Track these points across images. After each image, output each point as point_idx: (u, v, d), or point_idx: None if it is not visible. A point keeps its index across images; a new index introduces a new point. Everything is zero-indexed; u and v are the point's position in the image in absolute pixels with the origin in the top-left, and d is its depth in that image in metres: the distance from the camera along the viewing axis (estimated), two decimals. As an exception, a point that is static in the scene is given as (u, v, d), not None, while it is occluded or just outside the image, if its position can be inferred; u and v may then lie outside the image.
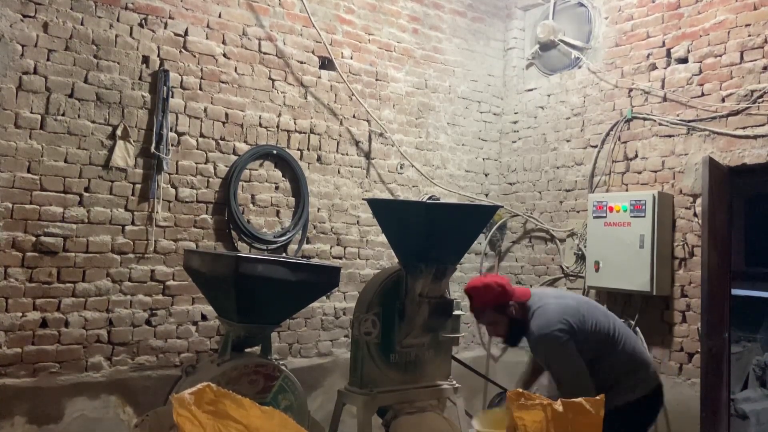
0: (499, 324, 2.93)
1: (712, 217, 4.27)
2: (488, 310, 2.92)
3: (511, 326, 2.95)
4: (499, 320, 2.92)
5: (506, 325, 2.93)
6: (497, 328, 2.95)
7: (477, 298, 2.95)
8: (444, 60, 5.77)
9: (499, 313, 2.91)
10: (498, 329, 2.96)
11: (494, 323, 2.94)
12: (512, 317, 2.92)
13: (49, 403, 3.81)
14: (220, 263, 3.52)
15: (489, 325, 2.99)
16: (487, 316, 2.94)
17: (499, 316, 2.91)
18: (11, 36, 3.78)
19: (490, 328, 3.01)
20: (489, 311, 2.92)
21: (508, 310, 2.91)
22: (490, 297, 2.92)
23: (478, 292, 2.95)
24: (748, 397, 5.61)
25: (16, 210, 3.78)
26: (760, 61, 4.37)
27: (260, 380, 3.39)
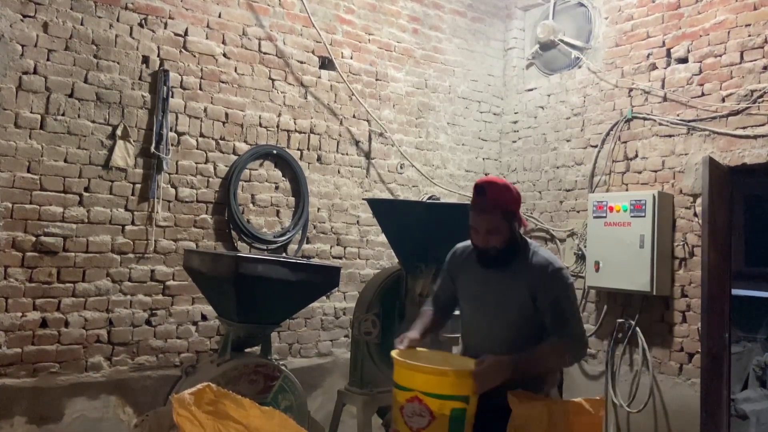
0: (501, 233, 2.51)
1: (712, 217, 4.27)
2: (498, 211, 2.50)
3: (509, 242, 2.53)
4: (503, 229, 2.51)
5: (506, 237, 2.52)
6: (496, 236, 2.51)
7: (493, 192, 2.52)
8: (444, 60, 5.77)
9: (506, 220, 2.51)
10: (496, 238, 2.51)
11: (496, 230, 2.50)
12: (514, 233, 2.54)
13: (49, 403, 3.81)
14: (220, 263, 3.52)
15: (489, 231, 2.51)
16: (493, 219, 2.49)
17: (504, 223, 2.51)
18: (11, 36, 3.78)
19: (488, 234, 2.51)
20: (498, 213, 2.50)
21: (514, 222, 2.55)
22: (508, 197, 2.54)
23: (497, 188, 2.54)
24: (748, 397, 5.61)
25: (16, 210, 3.78)
26: (760, 61, 4.37)
27: (260, 380, 3.39)
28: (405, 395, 2.26)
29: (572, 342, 2.46)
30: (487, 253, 2.55)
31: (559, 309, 2.47)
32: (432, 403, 2.21)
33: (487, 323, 2.59)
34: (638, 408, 4.77)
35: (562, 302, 2.48)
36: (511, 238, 2.53)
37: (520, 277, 2.53)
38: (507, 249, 2.53)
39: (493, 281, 2.58)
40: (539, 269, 2.51)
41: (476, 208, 2.54)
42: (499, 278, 2.57)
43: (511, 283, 2.54)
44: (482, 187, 2.54)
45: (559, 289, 2.48)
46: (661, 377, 4.71)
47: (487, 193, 2.51)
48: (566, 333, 2.45)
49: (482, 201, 2.52)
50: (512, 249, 2.55)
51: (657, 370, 4.72)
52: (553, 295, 2.47)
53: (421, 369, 2.28)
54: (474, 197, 2.56)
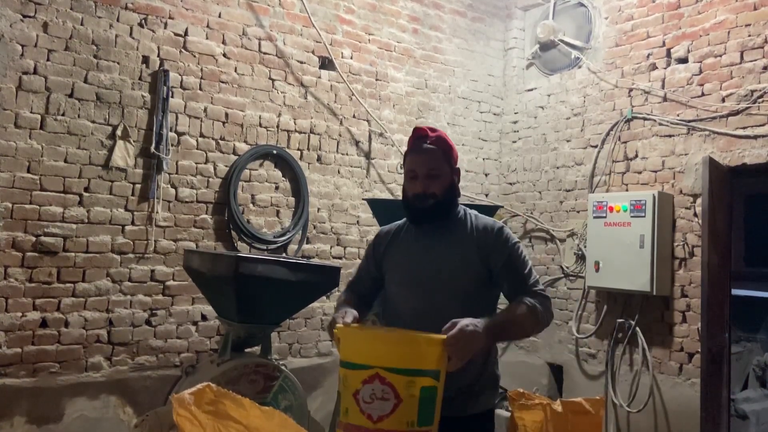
0: (441, 180, 2.25)
1: (712, 217, 4.27)
2: (440, 152, 2.28)
3: (447, 193, 2.28)
4: (444, 173, 2.27)
5: (446, 185, 2.27)
6: (437, 183, 2.24)
7: (435, 133, 2.33)
8: (444, 60, 5.77)
9: (448, 164, 2.30)
10: (437, 184, 2.24)
11: (437, 176, 2.24)
12: (452, 184, 2.31)
13: (49, 403, 3.81)
14: (220, 263, 3.52)
15: (430, 174, 2.24)
16: (435, 159, 2.26)
17: (446, 167, 2.28)
18: (11, 36, 3.78)
19: (428, 179, 2.25)
20: (440, 154, 2.28)
21: (455, 171, 2.33)
22: (449, 143, 2.35)
23: (438, 131, 2.36)
24: (748, 397, 5.61)
25: (16, 210, 3.78)
26: (760, 61, 4.37)
27: (260, 380, 3.39)
28: (361, 375, 1.81)
29: (539, 298, 2.18)
30: (425, 204, 2.24)
31: (514, 267, 2.23)
32: (398, 382, 1.78)
33: (428, 298, 2.21)
34: (638, 408, 4.77)
35: (515, 260, 2.24)
36: (450, 188, 2.29)
37: (465, 238, 2.27)
38: (447, 202, 2.28)
39: (434, 245, 2.28)
40: (485, 230, 2.27)
41: (416, 149, 2.31)
42: (440, 241, 2.28)
43: (457, 242, 2.26)
44: (422, 129, 2.35)
45: (509, 247, 2.24)
46: (661, 377, 4.71)
47: (429, 133, 2.32)
48: (529, 290, 2.20)
49: (423, 140, 2.31)
50: (451, 204, 2.31)
51: (657, 370, 4.73)
52: (504, 254, 2.22)
53: (383, 337, 1.92)
54: (412, 140, 2.35)
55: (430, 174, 2.24)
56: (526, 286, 2.21)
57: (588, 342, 5.20)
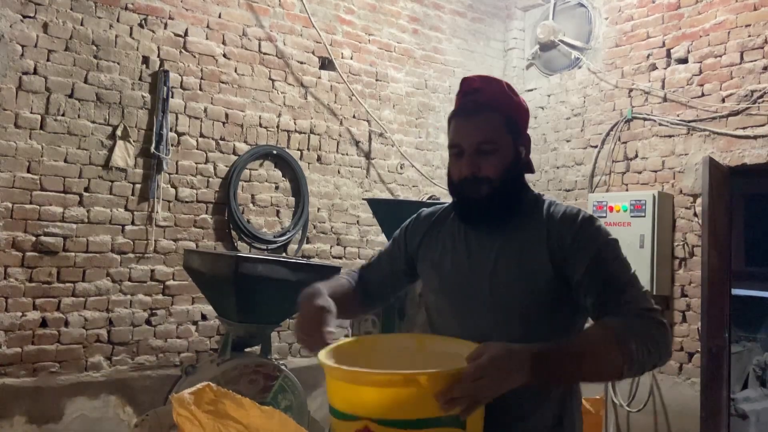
0: (499, 157, 1.54)
1: (712, 217, 4.27)
2: (497, 115, 1.56)
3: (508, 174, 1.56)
4: (503, 146, 1.55)
5: (506, 164, 1.55)
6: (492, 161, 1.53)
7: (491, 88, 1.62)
8: (444, 60, 5.77)
9: (510, 133, 1.58)
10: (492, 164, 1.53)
11: (493, 151, 1.54)
12: (516, 162, 1.60)
13: (49, 402, 3.81)
14: (220, 263, 3.52)
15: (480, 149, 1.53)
16: (489, 126, 1.55)
17: (506, 138, 1.56)
18: (11, 36, 3.78)
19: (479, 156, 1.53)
20: (497, 118, 1.56)
21: (521, 140, 1.62)
22: (512, 100, 1.64)
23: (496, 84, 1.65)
24: (748, 397, 5.61)
25: (16, 210, 3.79)
26: (760, 61, 4.37)
27: (260, 380, 3.39)
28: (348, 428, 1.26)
29: (641, 321, 1.38)
30: (476, 192, 1.54)
31: (605, 274, 1.45)
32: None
33: (471, 321, 1.54)
34: (638, 407, 4.77)
35: (607, 263, 1.47)
36: (513, 167, 1.58)
37: (533, 237, 1.53)
38: (507, 188, 1.56)
39: (486, 246, 1.57)
40: (563, 222, 1.53)
41: (461, 111, 1.59)
42: (495, 240, 1.56)
43: (520, 244, 1.54)
44: (473, 80, 1.65)
45: (599, 245, 1.49)
46: (661, 377, 4.71)
47: (482, 87, 1.61)
48: (626, 308, 1.40)
49: (473, 98, 1.59)
50: (514, 191, 1.60)
51: (657, 369, 4.73)
52: (589, 254, 1.47)
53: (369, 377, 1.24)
54: (459, 97, 1.64)
55: (481, 149, 1.53)
56: (622, 301, 1.42)
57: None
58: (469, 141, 1.54)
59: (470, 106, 1.58)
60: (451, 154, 1.59)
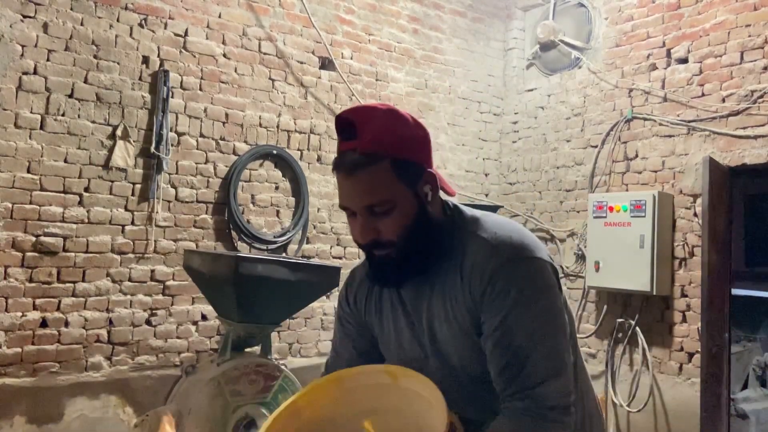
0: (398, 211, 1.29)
1: (712, 217, 4.27)
2: (383, 162, 1.27)
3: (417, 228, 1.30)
4: (400, 201, 1.29)
5: (407, 221, 1.29)
6: (390, 221, 1.29)
7: (370, 126, 1.28)
8: (444, 60, 5.77)
9: (404, 183, 1.29)
10: (390, 225, 1.29)
11: (389, 209, 1.28)
12: (424, 205, 1.32)
13: (49, 403, 3.81)
14: (220, 263, 3.52)
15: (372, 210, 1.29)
16: (376, 187, 1.27)
17: (401, 190, 1.29)
18: (11, 36, 3.78)
19: (371, 218, 1.29)
20: (386, 171, 1.27)
21: (421, 185, 1.31)
22: (400, 132, 1.30)
23: (377, 116, 1.30)
24: (748, 397, 5.61)
25: (16, 210, 3.78)
26: (760, 61, 4.37)
27: (260, 380, 3.39)
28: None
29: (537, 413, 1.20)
30: (384, 258, 1.33)
31: (511, 345, 1.24)
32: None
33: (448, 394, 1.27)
34: (638, 408, 4.77)
35: (515, 332, 1.24)
36: (420, 219, 1.30)
37: (454, 285, 1.32)
38: (417, 243, 1.31)
39: (419, 309, 1.39)
40: (474, 269, 1.29)
41: (341, 164, 1.30)
42: (425, 299, 1.38)
43: (443, 302, 1.34)
44: (347, 116, 1.30)
45: (508, 303, 1.25)
46: (661, 377, 4.71)
47: (359, 128, 1.28)
48: (524, 392, 1.21)
49: (351, 144, 1.29)
50: (428, 241, 1.32)
51: (657, 369, 4.73)
52: (498, 317, 1.25)
53: None
54: (338, 144, 1.34)
55: (373, 210, 1.29)
56: (521, 386, 1.22)
57: (588, 342, 5.20)
58: (357, 204, 1.29)
59: (350, 158, 1.28)
60: (347, 214, 1.34)
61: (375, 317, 1.48)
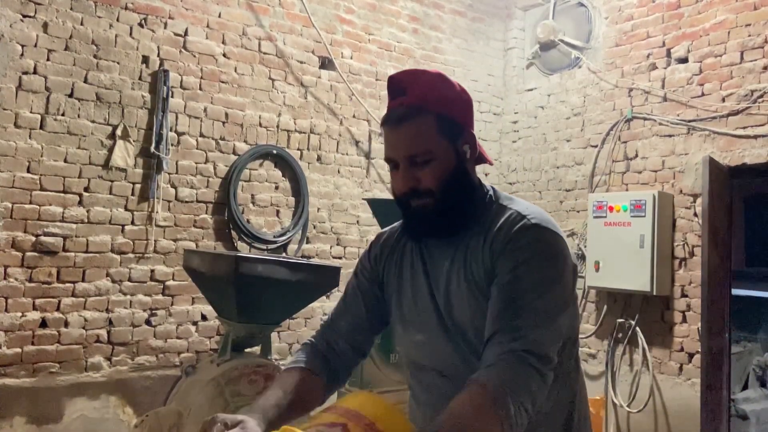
0: (437, 166, 1.35)
1: (712, 217, 4.27)
2: (429, 117, 1.34)
3: (450, 184, 1.35)
4: (440, 156, 1.35)
5: (447, 171, 1.35)
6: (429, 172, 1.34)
7: (419, 86, 1.37)
8: (444, 60, 5.76)
9: (446, 137, 1.35)
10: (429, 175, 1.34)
11: (428, 156, 1.34)
12: (462, 165, 1.38)
13: (49, 403, 3.81)
14: (220, 263, 3.52)
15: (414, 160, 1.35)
16: (420, 133, 1.34)
17: (443, 142, 1.35)
18: (11, 36, 3.78)
19: (414, 168, 1.35)
20: (429, 121, 1.34)
21: (461, 142, 1.37)
22: (446, 93, 1.38)
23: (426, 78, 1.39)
24: (748, 397, 5.61)
25: (16, 210, 3.78)
26: (760, 61, 4.37)
27: (260, 380, 3.39)
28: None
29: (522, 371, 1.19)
30: (420, 208, 1.36)
31: (513, 290, 1.27)
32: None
33: (440, 356, 1.40)
34: (638, 408, 4.77)
35: (523, 279, 1.27)
36: (456, 172, 1.36)
37: (477, 246, 1.36)
38: (452, 196, 1.36)
39: (439, 266, 1.42)
40: (502, 227, 1.34)
41: (390, 117, 1.38)
42: (448, 257, 1.40)
43: (464, 261, 1.37)
44: (399, 78, 1.41)
45: (524, 254, 1.28)
46: (661, 377, 4.71)
47: (409, 84, 1.37)
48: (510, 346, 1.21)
49: (400, 100, 1.37)
50: (462, 195, 1.38)
51: (657, 370, 4.72)
52: (510, 264, 1.29)
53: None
54: (388, 98, 1.42)
55: (415, 161, 1.35)
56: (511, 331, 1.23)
57: (588, 342, 5.20)
58: (400, 154, 1.37)
59: (397, 112, 1.36)
60: (389, 167, 1.42)
61: (393, 275, 1.52)
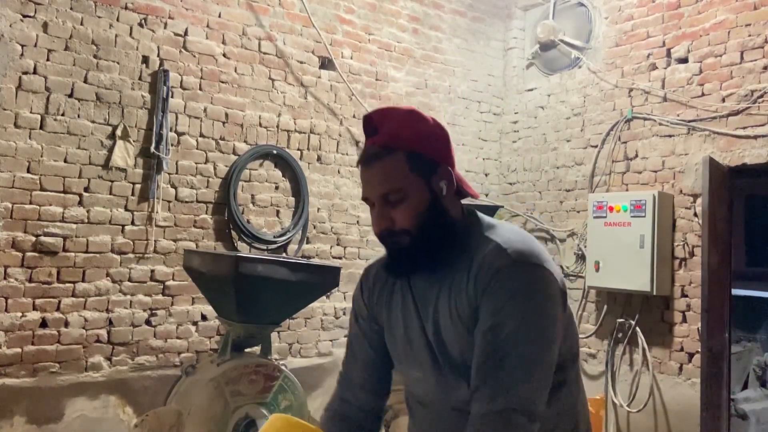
0: (410, 204, 1.35)
1: (712, 217, 4.27)
2: (400, 155, 1.34)
3: (427, 221, 1.36)
4: (413, 191, 1.35)
5: (420, 209, 1.36)
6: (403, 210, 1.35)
7: (390, 123, 1.38)
8: (444, 60, 5.77)
9: (418, 174, 1.35)
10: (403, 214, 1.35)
11: (402, 197, 1.35)
12: (437, 202, 1.37)
13: (49, 403, 3.81)
14: (220, 263, 3.52)
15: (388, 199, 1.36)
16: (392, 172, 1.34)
17: (415, 180, 1.35)
18: (11, 36, 3.78)
19: (387, 206, 1.36)
20: (400, 159, 1.34)
21: (435, 179, 1.37)
22: (418, 130, 1.38)
23: (397, 116, 1.40)
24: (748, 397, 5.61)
25: (16, 210, 3.78)
26: (760, 61, 4.37)
27: (260, 380, 3.39)
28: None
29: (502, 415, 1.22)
30: (397, 246, 1.39)
31: (496, 339, 1.26)
32: None
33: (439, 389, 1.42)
34: (638, 408, 4.77)
35: (504, 327, 1.26)
36: (433, 210, 1.36)
37: (461, 283, 1.36)
38: (429, 234, 1.36)
39: (427, 300, 1.43)
40: (483, 264, 1.32)
41: (363, 157, 1.40)
42: (434, 292, 1.41)
43: (449, 297, 1.38)
44: (371, 117, 1.42)
45: (505, 297, 1.28)
46: (661, 377, 4.71)
47: (379, 124, 1.38)
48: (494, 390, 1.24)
49: (372, 139, 1.39)
50: (441, 232, 1.38)
51: (657, 369, 4.73)
52: (492, 309, 1.29)
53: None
54: (365, 142, 1.43)
55: (387, 199, 1.36)
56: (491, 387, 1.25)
57: (588, 342, 5.20)
58: (373, 193, 1.37)
59: (369, 151, 1.38)
60: (369, 206, 1.42)
61: (385, 311, 1.52)
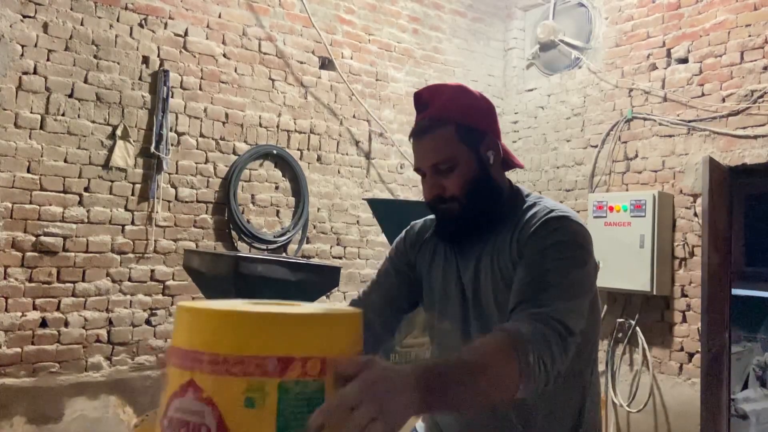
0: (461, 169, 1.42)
1: (712, 217, 4.27)
2: (450, 128, 1.41)
3: (480, 186, 1.43)
4: (463, 160, 1.42)
5: (471, 177, 1.42)
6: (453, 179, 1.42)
7: (440, 99, 1.46)
8: (444, 60, 5.77)
9: (467, 145, 1.42)
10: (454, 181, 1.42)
11: (451, 163, 1.41)
12: (486, 169, 1.45)
13: (48, 403, 3.81)
14: (220, 263, 3.52)
15: (438, 168, 1.42)
16: (442, 143, 1.41)
17: (464, 150, 1.42)
18: (11, 36, 3.78)
19: (438, 175, 1.43)
20: (450, 131, 1.41)
21: (483, 149, 1.44)
22: (467, 104, 1.47)
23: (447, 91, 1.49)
24: (748, 397, 5.61)
25: (15, 210, 3.78)
26: (760, 61, 4.37)
27: (260, 380, 3.38)
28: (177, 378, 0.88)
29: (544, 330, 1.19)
30: (447, 213, 1.46)
31: (540, 268, 1.31)
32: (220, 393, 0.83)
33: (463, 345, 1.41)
34: (638, 408, 4.77)
35: (549, 259, 1.32)
36: (481, 178, 1.43)
37: (505, 239, 1.43)
38: (478, 201, 1.43)
39: (468, 259, 1.49)
40: (531, 219, 1.41)
41: (415, 130, 1.46)
42: (476, 252, 1.48)
43: (492, 254, 1.45)
44: (421, 94, 1.51)
45: (552, 239, 1.34)
46: (661, 377, 4.71)
47: (429, 99, 1.47)
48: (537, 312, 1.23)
49: (424, 113, 1.47)
50: (489, 199, 1.45)
51: (657, 369, 4.73)
52: (538, 247, 1.35)
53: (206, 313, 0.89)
54: (415, 116, 1.52)
55: (439, 169, 1.42)
56: (538, 301, 1.26)
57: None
58: (425, 163, 1.45)
59: (421, 124, 1.46)
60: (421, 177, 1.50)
61: (426, 265, 1.60)
